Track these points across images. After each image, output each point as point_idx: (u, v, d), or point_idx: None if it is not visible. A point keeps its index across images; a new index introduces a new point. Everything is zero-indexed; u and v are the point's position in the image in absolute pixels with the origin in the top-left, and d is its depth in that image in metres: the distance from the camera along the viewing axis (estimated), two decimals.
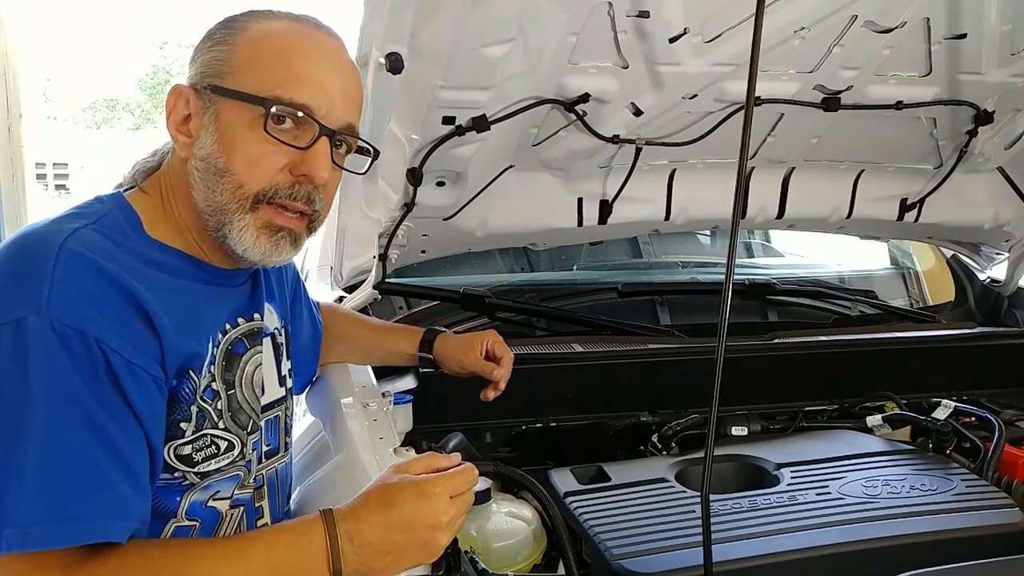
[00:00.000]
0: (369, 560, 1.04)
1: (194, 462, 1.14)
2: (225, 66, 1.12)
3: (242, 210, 1.12)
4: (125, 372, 1.00)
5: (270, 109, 1.09)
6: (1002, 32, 1.74)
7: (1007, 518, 1.40)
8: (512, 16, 1.50)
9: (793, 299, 2.47)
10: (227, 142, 1.11)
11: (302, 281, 1.55)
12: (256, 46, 1.13)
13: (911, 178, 2.20)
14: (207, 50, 1.15)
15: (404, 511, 1.04)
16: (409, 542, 1.05)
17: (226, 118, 1.11)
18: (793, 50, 1.70)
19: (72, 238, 1.03)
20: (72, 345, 0.97)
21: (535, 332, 2.24)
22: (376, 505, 1.05)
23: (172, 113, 1.15)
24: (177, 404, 1.11)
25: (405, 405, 1.72)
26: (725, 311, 1.16)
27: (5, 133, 4.62)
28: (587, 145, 1.87)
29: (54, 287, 0.98)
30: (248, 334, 1.25)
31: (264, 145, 1.11)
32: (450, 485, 1.07)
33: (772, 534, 1.37)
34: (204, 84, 1.13)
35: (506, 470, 1.55)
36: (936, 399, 1.89)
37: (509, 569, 1.39)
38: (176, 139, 1.15)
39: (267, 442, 1.30)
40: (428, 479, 1.07)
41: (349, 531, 1.04)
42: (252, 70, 1.12)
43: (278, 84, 1.11)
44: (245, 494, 1.24)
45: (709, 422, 1.16)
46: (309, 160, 1.12)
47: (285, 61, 1.12)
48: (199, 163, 1.13)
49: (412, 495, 1.05)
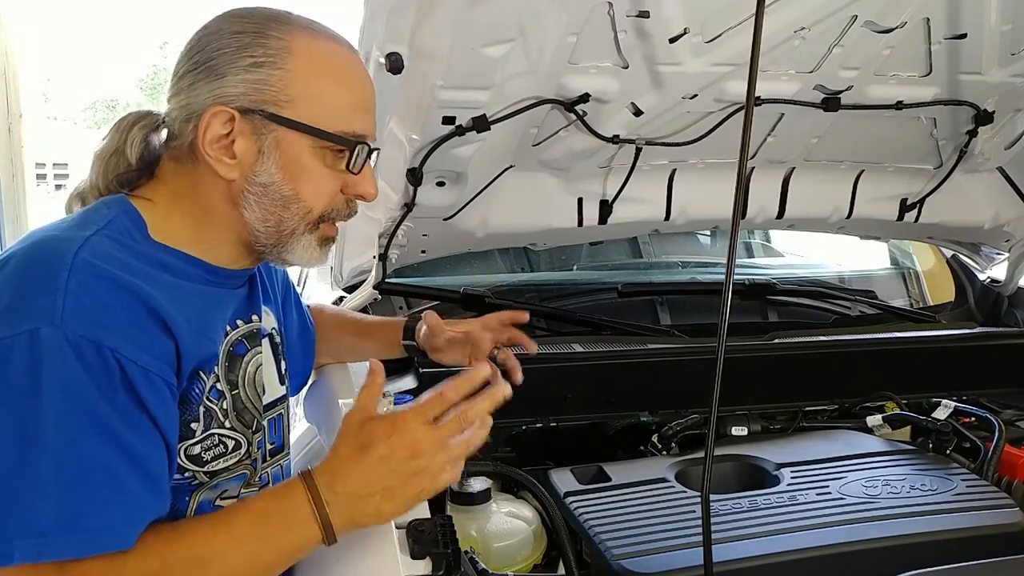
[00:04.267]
0: (357, 505, 1.04)
1: (204, 461, 1.15)
2: (281, 94, 1.11)
3: (307, 230, 1.18)
4: (141, 379, 1.01)
5: (353, 150, 1.14)
6: (1002, 32, 1.74)
7: (1007, 518, 1.40)
8: (512, 16, 1.50)
9: (793, 299, 2.47)
10: (293, 172, 1.13)
11: (291, 282, 1.56)
12: (316, 75, 1.13)
13: (911, 178, 2.20)
14: (247, 69, 1.11)
15: (379, 448, 1.04)
16: (392, 478, 1.05)
17: (289, 147, 1.12)
18: (793, 50, 1.70)
19: (85, 247, 1.04)
20: (86, 356, 0.97)
21: (535, 332, 2.24)
22: (351, 451, 1.06)
23: (207, 132, 1.11)
24: (187, 404, 1.12)
25: (405, 405, 1.72)
26: (725, 311, 1.16)
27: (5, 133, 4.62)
28: (587, 145, 1.87)
29: (68, 298, 0.99)
30: (247, 335, 1.26)
31: (328, 174, 1.15)
32: (421, 412, 1.07)
33: (772, 534, 1.36)
34: (258, 108, 1.11)
35: (506, 470, 1.55)
36: (936, 399, 1.89)
37: (509, 569, 1.39)
38: (216, 160, 1.12)
39: (271, 440, 1.32)
40: (396, 412, 1.08)
41: (328, 482, 1.04)
42: (315, 101, 1.12)
43: (343, 117, 1.14)
44: (251, 492, 1.25)
45: (709, 422, 1.16)
46: (362, 182, 1.19)
47: (347, 94, 1.15)
48: (257, 188, 1.13)
49: (384, 430, 1.05)
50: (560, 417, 1.91)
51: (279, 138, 1.12)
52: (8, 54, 4.57)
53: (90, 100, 22.67)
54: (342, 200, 1.19)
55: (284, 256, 1.19)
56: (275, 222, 1.15)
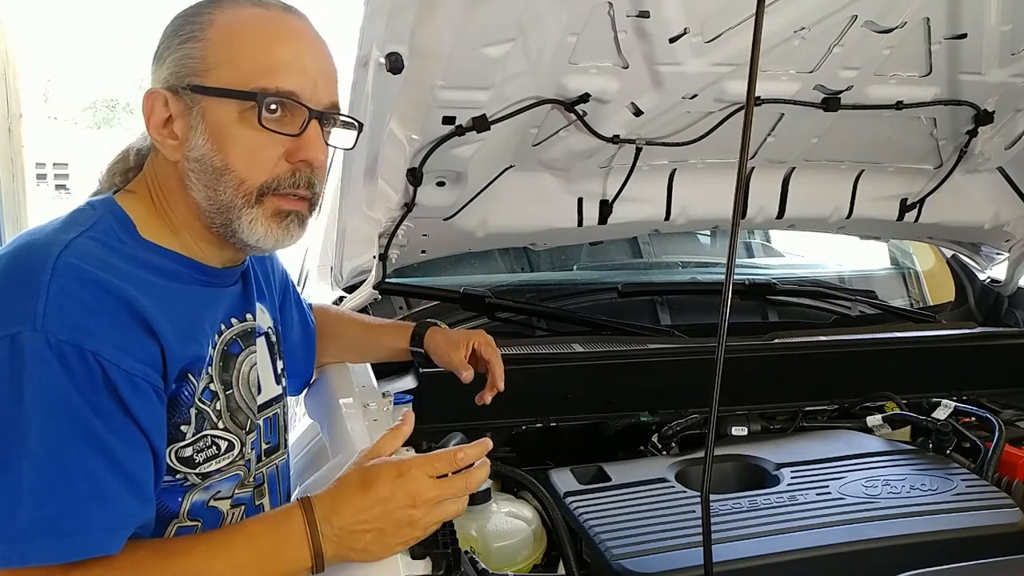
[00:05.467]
0: (349, 540, 1.05)
1: (195, 463, 1.14)
2: (201, 63, 1.10)
3: (248, 204, 1.13)
4: (124, 383, 1.00)
5: (262, 102, 1.09)
6: (1002, 32, 1.74)
7: (1007, 518, 1.40)
8: (512, 16, 1.50)
9: (793, 299, 2.47)
10: (220, 140, 1.11)
11: (291, 281, 1.55)
12: (231, 38, 1.11)
13: (911, 178, 2.20)
14: (176, 48, 1.12)
15: (381, 490, 1.06)
16: (386, 520, 1.06)
17: (214, 116, 1.10)
18: (793, 50, 1.70)
19: (67, 250, 1.03)
20: (68, 360, 0.97)
21: (535, 332, 2.24)
22: (355, 487, 1.07)
23: (151, 117, 1.13)
24: (177, 407, 1.11)
25: (405, 405, 1.72)
26: (725, 311, 1.16)
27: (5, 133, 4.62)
28: (587, 145, 1.87)
29: (49, 302, 0.98)
30: (242, 334, 1.25)
31: (258, 138, 1.11)
32: (429, 465, 1.09)
33: (772, 534, 1.36)
34: (183, 84, 1.11)
35: (506, 470, 1.55)
36: (936, 399, 1.89)
37: (509, 569, 1.39)
38: (162, 143, 1.13)
39: (267, 440, 1.31)
40: (405, 459, 1.09)
41: (327, 514, 1.05)
42: (232, 64, 1.10)
43: (261, 75, 1.10)
44: (246, 493, 1.25)
45: (709, 422, 1.16)
46: (305, 145, 1.13)
47: (264, 51, 1.11)
48: (194, 164, 1.12)
49: (390, 474, 1.07)
50: (560, 417, 1.91)
51: (204, 109, 1.10)
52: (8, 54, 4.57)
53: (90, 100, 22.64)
54: (287, 169, 1.13)
55: (237, 235, 1.15)
56: (214, 197, 1.12)
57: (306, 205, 1.18)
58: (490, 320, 2.19)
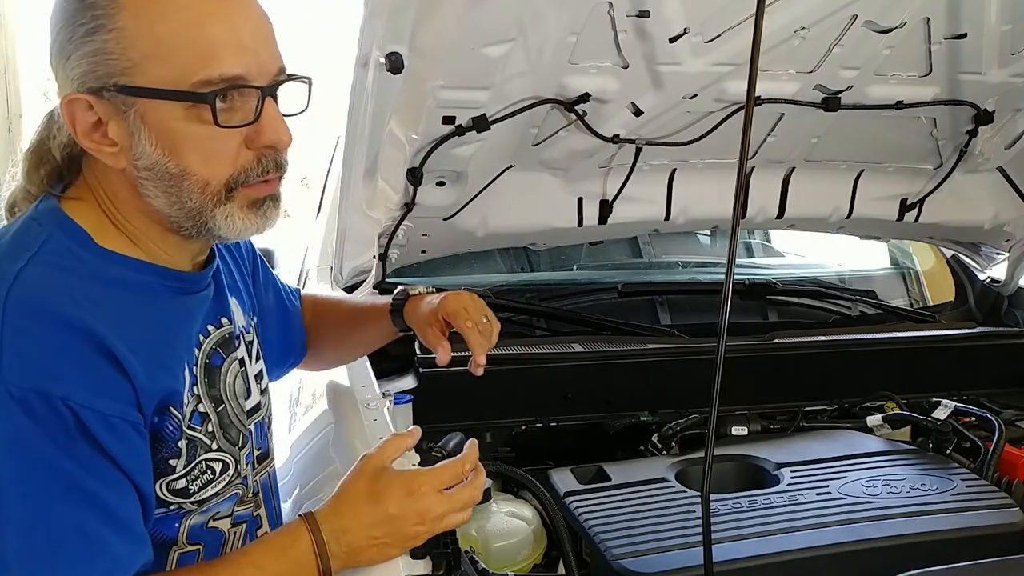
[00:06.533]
0: (355, 555, 1.05)
1: (190, 492, 1.07)
2: (122, 59, 0.94)
3: (219, 203, 1.01)
4: (100, 426, 0.91)
5: (214, 102, 0.95)
6: (1002, 32, 1.74)
7: (1007, 518, 1.40)
8: (512, 16, 1.50)
9: (793, 299, 2.47)
10: (170, 144, 0.97)
11: (260, 257, 1.42)
12: (151, 23, 0.94)
13: (911, 178, 2.20)
14: (81, 42, 0.95)
15: (390, 507, 1.04)
16: (394, 536, 1.06)
17: (156, 119, 0.96)
18: (793, 50, 1.70)
19: (17, 285, 0.92)
20: (35, 409, 0.88)
21: (535, 332, 2.24)
22: (363, 501, 1.05)
23: (76, 125, 0.98)
24: (162, 442, 1.03)
25: (405, 405, 1.72)
26: (725, 311, 1.16)
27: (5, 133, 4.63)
28: (587, 145, 1.87)
29: (5, 349, 0.88)
30: (221, 342, 1.16)
31: (213, 134, 0.97)
32: (438, 480, 1.08)
33: (772, 534, 1.37)
34: (107, 85, 0.95)
35: (506, 470, 1.55)
36: (936, 399, 1.89)
37: (509, 569, 1.39)
38: (98, 152, 0.99)
39: (257, 446, 1.24)
40: (415, 475, 1.08)
41: (334, 531, 1.04)
42: (161, 57, 0.94)
43: (200, 64, 0.95)
44: (246, 510, 1.19)
45: (709, 422, 1.16)
46: (264, 130, 1.00)
47: (195, 34, 0.95)
48: (146, 173, 0.99)
49: (399, 492, 1.05)
50: (560, 417, 1.91)
51: (141, 111, 0.96)
52: (8, 54, 4.57)
53: None
54: (250, 157, 1.01)
55: (214, 233, 1.04)
56: (179, 204, 1.00)
57: (277, 184, 1.07)
58: None
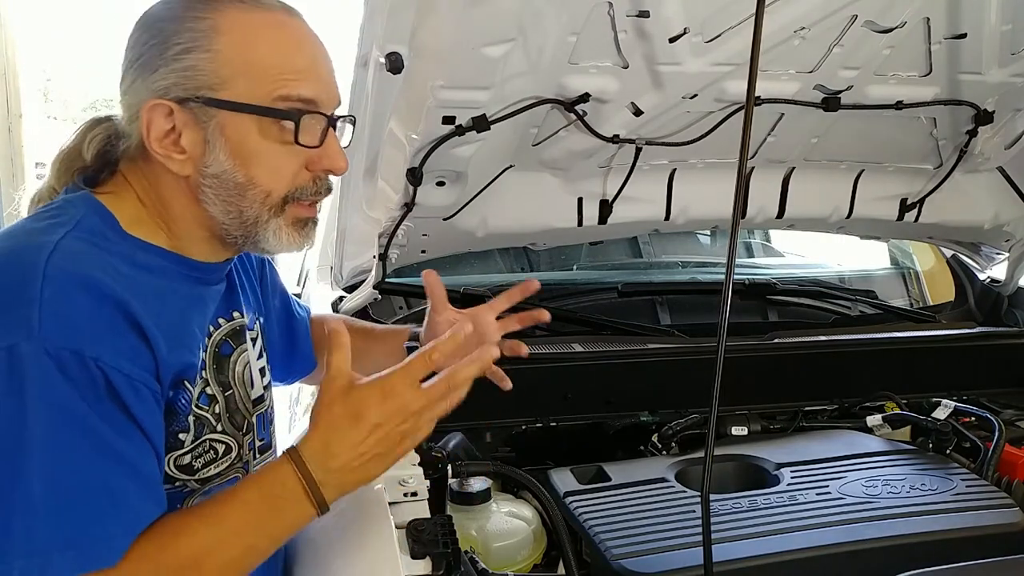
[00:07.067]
0: (350, 476, 1.04)
1: (194, 469, 1.13)
2: (214, 76, 1.06)
3: (273, 215, 1.12)
4: (126, 387, 0.99)
5: (297, 120, 1.07)
6: (1002, 32, 1.73)
7: (1007, 518, 1.40)
8: (512, 16, 1.50)
9: (793, 299, 2.47)
10: (243, 156, 1.08)
11: (270, 266, 1.51)
12: (245, 49, 1.07)
13: (911, 178, 2.20)
14: (175, 59, 1.07)
15: (372, 416, 1.03)
16: (384, 443, 1.05)
17: (234, 131, 1.08)
18: (793, 50, 1.70)
19: (56, 253, 1.00)
20: (69, 367, 0.95)
21: (535, 332, 2.23)
22: (344, 422, 1.04)
23: (151, 129, 1.08)
24: (174, 415, 1.10)
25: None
26: (725, 311, 1.16)
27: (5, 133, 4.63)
28: (587, 145, 1.87)
29: (44, 309, 0.95)
30: (231, 334, 1.24)
31: (282, 151, 1.09)
32: (408, 376, 1.06)
33: (772, 534, 1.37)
34: (193, 96, 1.06)
35: (506, 470, 1.55)
36: (936, 399, 1.89)
37: (509, 569, 1.39)
38: (167, 158, 1.09)
39: (260, 437, 1.30)
40: (385, 377, 1.06)
41: (321, 460, 1.03)
42: (249, 76, 1.07)
43: (282, 85, 1.07)
44: None
45: (709, 422, 1.16)
46: (327, 155, 1.12)
47: (282, 60, 1.08)
48: (211, 180, 1.09)
49: (376, 399, 1.04)
50: (560, 417, 1.91)
51: (221, 123, 1.07)
52: (8, 54, 4.57)
53: (90, 100, 22.63)
54: (308, 178, 1.13)
55: (259, 245, 1.15)
56: (236, 212, 1.11)
57: (317, 210, 1.19)
58: None
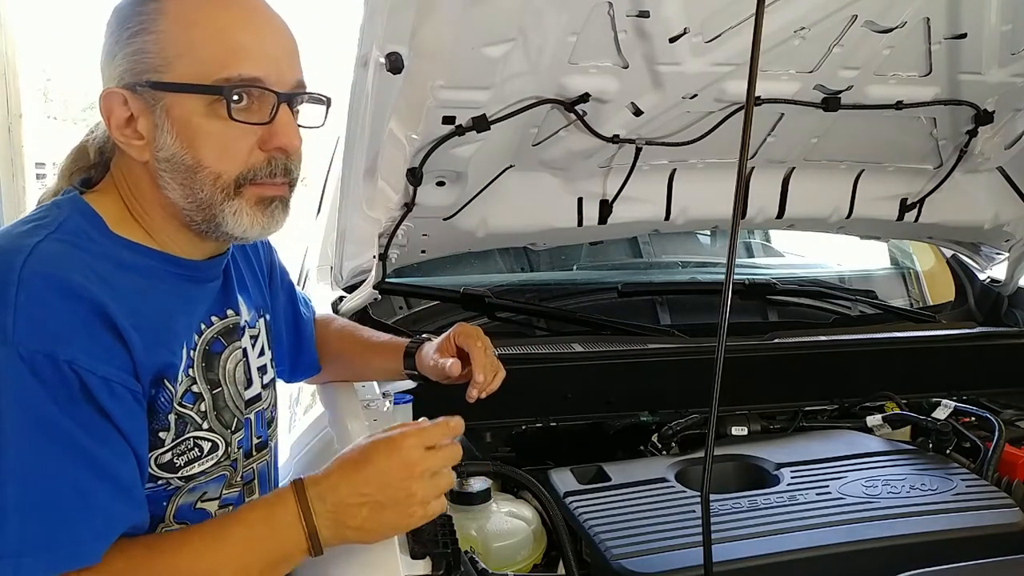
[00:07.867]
0: (344, 517, 1.04)
1: (176, 467, 1.13)
2: (158, 58, 1.06)
3: (228, 197, 1.10)
4: (102, 389, 0.99)
5: (228, 95, 1.05)
6: (1002, 32, 1.74)
7: (1007, 518, 1.40)
8: (512, 16, 1.50)
9: (793, 299, 2.47)
10: (189, 137, 1.07)
11: (279, 264, 1.50)
12: (186, 29, 1.06)
13: (911, 178, 2.20)
14: (126, 43, 1.07)
15: (377, 463, 1.05)
16: (384, 492, 1.04)
17: (179, 113, 1.06)
18: (793, 50, 1.70)
19: (32, 257, 1.00)
20: (43, 371, 0.95)
21: (535, 332, 2.24)
22: (349, 464, 1.06)
23: (111, 118, 1.08)
24: (154, 414, 1.09)
25: (405, 405, 1.72)
26: (725, 311, 1.16)
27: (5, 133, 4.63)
28: (587, 145, 1.87)
29: (18, 313, 0.96)
30: (224, 332, 1.23)
31: (228, 130, 1.07)
32: (422, 435, 1.07)
33: (772, 534, 1.37)
34: (141, 81, 1.06)
35: (506, 470, 1.55)
36: (936, 399, 1.89)
37: (509, 569, 1.39)
38: (127, 144, 1.09)
39: (257, 434, 1.29)
40: (398, 431, 1.08)
41: (320, 492, 1.04)
42: (190, 56, 1.06)
43: (223, 64, 1.06)
44: (233, 493, 1.23)
45: (709, 422, 1.16)
46: (277, 132, 1.10)
47: (223, 38, 1.07)
48: (164, 164, 1.08)
49: (384, 449, 1.06)
50: (560, 417, 1.91)
51: (167, 106, 1.06)
52: (8, 54, 4.57)
53: (90, 100, 22.61)
54: (261, 158, 1.10)
55: (221, 229, 1.12)
56: (192, 196, 1.09)
57: (287, 189, 1.16)
58: (490, 320, 2.19)
